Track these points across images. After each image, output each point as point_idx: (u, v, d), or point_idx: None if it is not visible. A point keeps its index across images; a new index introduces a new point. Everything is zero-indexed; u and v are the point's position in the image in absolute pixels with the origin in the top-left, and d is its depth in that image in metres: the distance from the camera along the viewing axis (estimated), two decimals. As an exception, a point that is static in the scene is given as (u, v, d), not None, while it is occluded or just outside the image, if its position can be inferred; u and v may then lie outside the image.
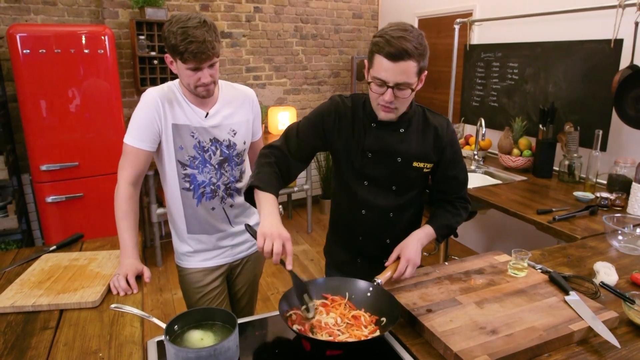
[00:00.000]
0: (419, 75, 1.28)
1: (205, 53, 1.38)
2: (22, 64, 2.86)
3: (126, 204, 1.49)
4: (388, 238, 1.51)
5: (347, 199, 1.50)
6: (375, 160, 1.42)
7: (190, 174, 1.57)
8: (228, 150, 1.61)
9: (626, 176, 2.28)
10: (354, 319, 1.18)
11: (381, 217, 1.48)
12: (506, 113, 3.32)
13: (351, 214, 1.51)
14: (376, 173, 1.43)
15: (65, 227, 3.19)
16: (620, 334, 1.15)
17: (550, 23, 2.98)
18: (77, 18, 3.58)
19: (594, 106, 2.69)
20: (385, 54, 1.22)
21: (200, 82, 1.44)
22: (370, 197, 1.45)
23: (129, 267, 1.39)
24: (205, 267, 1.69)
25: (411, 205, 1.51)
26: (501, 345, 1.06)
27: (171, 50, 1.41)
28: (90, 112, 3.14)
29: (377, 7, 4.96)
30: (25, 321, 1.21)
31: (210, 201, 1.62)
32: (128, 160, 1.50)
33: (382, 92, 1.28)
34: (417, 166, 1.43)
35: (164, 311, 3.06)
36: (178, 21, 1.37)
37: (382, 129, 1.41)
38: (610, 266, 1.46)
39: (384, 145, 1.40)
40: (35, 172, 3.08)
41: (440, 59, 4.13)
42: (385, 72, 1.24)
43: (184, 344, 1.06)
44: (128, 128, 1.51)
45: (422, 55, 1.25)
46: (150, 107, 1.49)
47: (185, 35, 1.35)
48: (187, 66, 1.41)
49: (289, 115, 4.46)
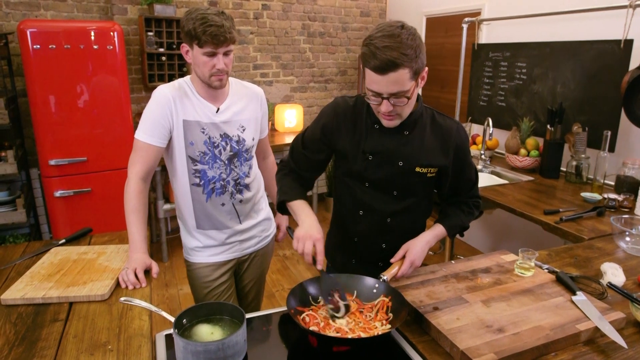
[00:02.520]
0: (415, 77, 1.19)
1: (223, 35, 1.42)
2: (32, 59, 2.89)
3: (136, 198, 1.50)
4: (384, 243, 1.45)
5: (346, 198, 1.46)
6: (376, 163, 1.36)
7: (201, 169, 1.59)
8: (238, 146, 1.63)
9: (634, 177, 2.27)
10: (365, 316, 1.19)
11: (378, 221, 1.42)
12: (514, 113, 3.31)
13: (349, 215, 1.46)
14: (377, 176, 1.37)
15: (73, 222, 3.21)
16: (627, 335, 1.15)
17: (559, 23, 2.96)
18: (87, 14, 3.60)
19: (602, 107, 2.67)
20: (372, 67, 1.15)
21: (215, 69, 1.47)
22: (369, 200, 1.40)
23: (137, 261, 1.41)
24: (214, 262, 1.71)
25: (412, 212, 1.43)
26: (508, 343, 1.06)
27: (188, 36, 1.44)
28: (99, 108, 3.16)
29: (385, 5, 4.95)
30: (35, 313, 1.22)
31: (220, 197, 1.64)
32: (138, 156, 1.52)
33: (378, 102, 1.23)
34: (420, 171, 1.36)
35: (169, 306, 3.08)
36: (197, 10, 1.44)
37: (384, 131, 1.34)
38: (618, 267, 1.45)
39: (385, 148, 1.34)
40: (43, 166, 3.11)
41: (448, 58, 4.12)
42: (377, 84, 1.18)
43: (193, 337, 1.07)
44: (139, 123, 1.53)
45: (413, 59, 1.15)
46: (161, 104, 1.51)
47: (204, 19, 1.41)
48: (203, 50, 1.44)
49: (295, 112, 4.47)
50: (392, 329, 1.10)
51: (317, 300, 1.25)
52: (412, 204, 1.42)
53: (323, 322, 1.15)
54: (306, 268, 3.64)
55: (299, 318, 1.15)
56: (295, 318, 1.13)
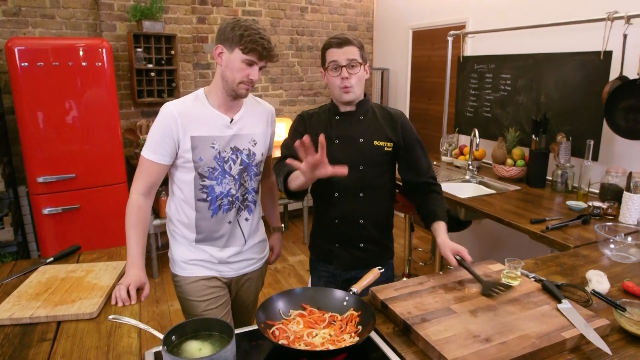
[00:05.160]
0: (362, 59, 1.60)
1: (270, 50, 1.46)
2: (20, 76, 2.88)
3: (135, 214, 1.50)
4: (361, 218, 1.67)
5: (321, 186, 1.66)
6: (342, 145, 1.64)
7: (209, 185, 1.56)
8: (248, 160, 1.60)
9: (618, 185, 2.31)
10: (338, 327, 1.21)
11: (353, 198, 1.66)
12: (499, 123, 3.36)
13: (326, 200, 1.69)
14: (344, 155, 1.62)
15: (62, 239, 3.18)
16: (611, 341, 1.17)
17: (542, 35, 3.03)
18: (75, 31, 3.61)
19: (585, 116, 2.73)
20: (333, 44, 1.58)
21: (249, 79, 1.47)
22: (341, 179, 1.58)
23: (133, 277, 1.41)
24: (210, 275, 1.64)
25: (378, 187, 1.68)
26: (494, 353, 1.07)
27: (232, 40, 1.44)
28: (88, 124, 3.15)
29: (372, 19, 5.03)
30: (22, 333, 1.21)
31: (226, 214, 1.60)
32: (141, 171, 1.53)
33: (337, 73, 1.58)
34: (378, 144, 1.64)
35: (160, 323, 3.06)
36: (247, 21, 1.46)
37: (344, 119, 1.67)
38: (602, 274, 1.48)
39: (347, 131, 1.65)
40: (31, 183, 3.08)
41: (434, 70, 4.18)
42: (336, 55, 1.57)
43: (182, 354, 1.06)
44: (146, 141, 1.53)
45: (361, 47, 1.61)
46: (166, 121, 1.49)
47: (257, 31, 1.44)
48: (245, 57, 1.44)
49: (285, 126, 4.49)
50: (359, 342, 1.11)
51: (288, 314, 1.27)
52: (377, 177, 1.67)
53: (293, 336, 1.16)
54: (298, 282, 3.63)
55: (268, 332, 1.16)
56: (265, 332, 1.14)
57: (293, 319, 1.24)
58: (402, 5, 4.55)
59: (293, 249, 4.27)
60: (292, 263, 3.97)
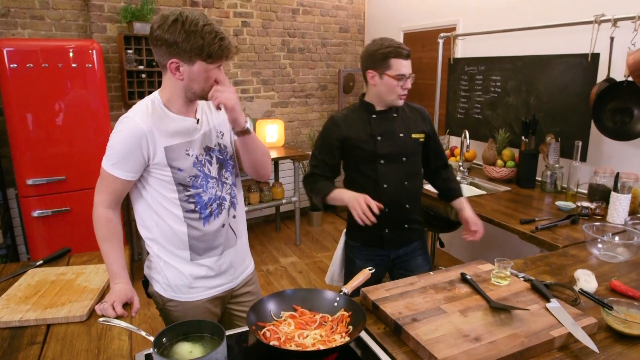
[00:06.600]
0: None
1: (230, 49, 1.33)
2: (9, 78, 2.86)
3: (105, 227, 1.40)
4: (407, 203, 1.90)
5: (366, 180, 1.87)
6: (384, 140, 1.85)
7: (194, 194, 1.43)
8: (222, 155, 1.51)
9: (605, 185, 2.34)
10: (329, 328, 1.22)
11: (399, 186, 1.87)
12: (490, 125, 3.39)
13: (375, 191, 1.82)
14: (388, 150, 1.85)
15: (52, 242, 3.15)
16: (599, 340, 1.19)
17: (531, 38, 3.07)
18: (65, 32, 3.59)
19: (573, 118, 2.76)
20: (403, 54, 1.76)
21: (216, 81, 1.34)
22: (388, 171, 1.85)
23: (118, 293, 1.34)
24: (208, 297, 1.52)
25: (417, 173, 1.96)
26: (484, 352, 1.08)
27: (192, 52, 1.27)
28: (78, 126, 3.13)
29: (364, 21, 5.05)
30: (12, 337, 1.20)
31: (217, 218, 1.48)
32: (104, 186, 1.40)
33: (402, 83, 1.78)
34: (415, 137, 1.90)
35: (151, 325, 3.04)
36: (186, 22, 1.25)
37: (382, 118, 1.87)
38: (590, 274, 1.50)
39: (387, 128, 1.86)
40: (21, 186, 3.06)
41: (425, 72, 4.21)
42: (405, 68, 1.77)
43: (173, 356, 1.06)
44: (106, 150, 1.37)
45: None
46: (134, 139, 1.33)
47: (212, 33, 1.27)
48: (212, 66, 1.31)
49: (277, 128, 4.50)
50: (350, 342, 1.12)
51: (279, 315, 1.28)
52: (415, 165, 1.94)
53: (284, 337, 1.17)
54: (290, 283, 3.63)
55: (259, 333, 1.16)
56: (256, 334, 1.14)
57: (284, 320, 1.25)
58: (393, 8, 4.57)
59: (285, 251, 4.26)
60: (284, 265, 3.97)
